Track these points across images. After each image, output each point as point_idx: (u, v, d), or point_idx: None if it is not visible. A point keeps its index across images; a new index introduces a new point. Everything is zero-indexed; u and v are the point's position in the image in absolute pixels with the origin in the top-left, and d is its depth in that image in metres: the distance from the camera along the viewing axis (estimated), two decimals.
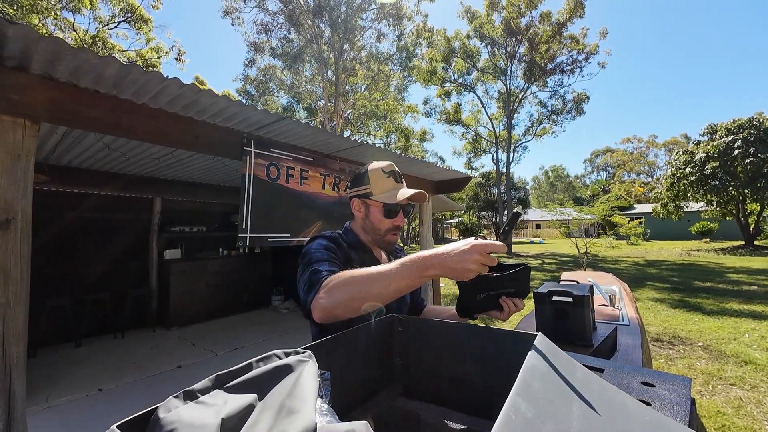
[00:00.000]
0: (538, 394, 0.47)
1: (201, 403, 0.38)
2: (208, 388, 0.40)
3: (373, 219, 1.09)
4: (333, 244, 1.04)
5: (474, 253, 0.69)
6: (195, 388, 0.40)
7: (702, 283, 8.29)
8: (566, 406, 0.48)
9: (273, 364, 0.45)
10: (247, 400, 0.39)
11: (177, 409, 0.37)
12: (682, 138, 51.35)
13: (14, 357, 1.52)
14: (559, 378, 0.54)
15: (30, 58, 1.53)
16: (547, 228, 37.94)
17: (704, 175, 16.40)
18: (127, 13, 15.25)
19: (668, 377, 0.81)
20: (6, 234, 1.50)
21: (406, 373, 0.85)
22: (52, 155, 3.22)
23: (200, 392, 0.40)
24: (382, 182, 1.07)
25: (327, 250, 1.00)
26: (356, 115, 20.19)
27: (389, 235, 1.09)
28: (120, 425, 0.36)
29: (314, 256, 0.97)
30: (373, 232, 1.10)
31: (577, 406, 0.48)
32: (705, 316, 5.36)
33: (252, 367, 0.45)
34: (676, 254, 15.69)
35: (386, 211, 1.07)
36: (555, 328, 1.58)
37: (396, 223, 1.09)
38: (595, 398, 0.53)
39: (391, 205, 1.06)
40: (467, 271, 0.69)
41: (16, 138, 1.57)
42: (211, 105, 2.15)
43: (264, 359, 0.47)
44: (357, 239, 1.13)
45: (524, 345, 0.71)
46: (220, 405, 0.38)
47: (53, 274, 4.35)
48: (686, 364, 3.61)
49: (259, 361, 0.46)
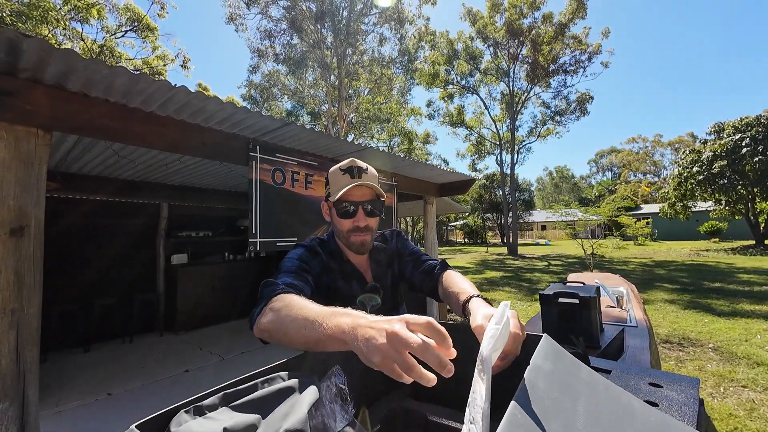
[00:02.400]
0: (544, 394, 0.48)
1: (209, 419, 0.42)
2: (216, 405, 0.43)
3: (335, 221, 1.03)
4: (309, 254, 0.99)
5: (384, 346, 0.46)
6: (204, 404, 0.43)
7: (712, 283, 8.18)
8: (571, 406, 0.49)
9: (276, 386, 0.48)
10: (250, 419, 0.42)
11: (187, 423, 0.41)
12: (688, 137, 50.85)
13: (28, 361, 1.55)
14: (564, 379, 0.54)
15: (43, 70, 1.58)
16: (553, 229, 37.66)
17: (712, 174, 16.21)
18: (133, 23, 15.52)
19: (676, 378, 0.81)
20: (20, 241, 1.54)
21: None
22: (63, 163, 3.28)
23: (208, 409, 0.43)
24: (338, 181, 0.98)
25: (300, 260, 0.95)
26: (359, 119, 20.29)
27: (352, 236, 1.00)
28: (139, 425, 0.38)
29: (284, 265, 0.92)
30: (339, 235, 1.05)
31: (583, 407, 0.49)
32: (715, 317, 5.29)
33: (257, 387, 0.48)
34: (685, 254, 15.49)
35: (338, 211, 1.00)
36: (561, 329, 1.57)
37: (356, 223, 0.99)
38: (600, 399, 0.53)
39: (336, 203, 0.98)
40: (372, 364, 0.48)
41: (30, 147, 1.61)
42: (217, 112, 2.18)
43: (269, 380, 0.49)
44: (336, 247, 1.07)
45: (530, 346, 0.72)
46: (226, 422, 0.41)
47: (63, 279, 4.41)
48: (697, 366, 3.56)
49: (264, 382, 0.49)
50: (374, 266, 1.12)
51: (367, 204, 0.99)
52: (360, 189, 0.97)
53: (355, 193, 0.97)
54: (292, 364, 0.60)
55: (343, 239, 1.03)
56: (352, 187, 0.95)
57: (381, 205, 1.03)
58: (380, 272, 1.13)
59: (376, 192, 1.00)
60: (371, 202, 1.00)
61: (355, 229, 0.99)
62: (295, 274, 0.89)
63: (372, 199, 1.00)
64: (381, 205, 1.03)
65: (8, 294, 1.50)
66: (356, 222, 0.99)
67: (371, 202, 1.00)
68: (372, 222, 1.02)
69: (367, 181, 0.98)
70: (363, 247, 1.03)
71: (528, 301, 6.99)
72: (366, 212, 0.99)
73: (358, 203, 0.98)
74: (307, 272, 0.93)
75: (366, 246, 1.03)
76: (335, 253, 1.06)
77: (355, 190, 0.96)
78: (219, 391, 0.46)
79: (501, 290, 8.40)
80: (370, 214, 1.00)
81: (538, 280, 9.79)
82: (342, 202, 0.98)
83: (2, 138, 1.54)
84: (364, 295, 1.01)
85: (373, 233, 1.04)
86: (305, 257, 0.97)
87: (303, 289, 0.85)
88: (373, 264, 1.12)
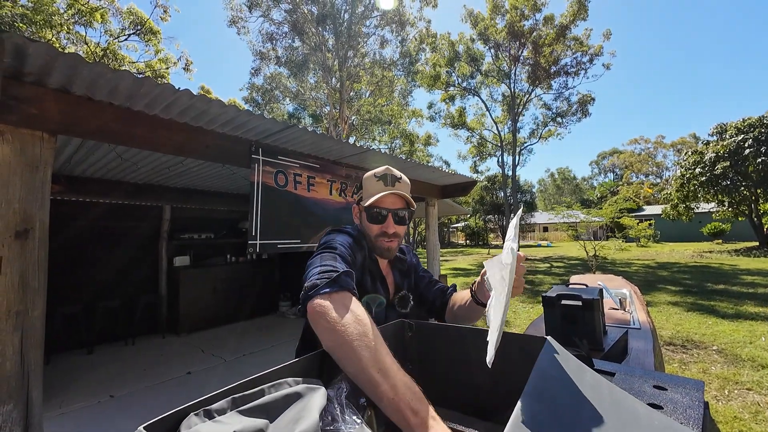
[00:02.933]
0: (548, 397, 0.48)
1: (218, 423, 0.42)
2: (225, 409, 0.44)
3: (364, 225, 1.06)
4: (356, 246, 0.98)
5: None
6: (213, 407, 0.43)
7: (715, 285, 8.13)
8: (576, 409, 0.49)
9: (284, 392, 0.49)
10: (258, 424, 0.43)
11: (197, 426, 0.41)
12: (690, 138, 50.72)
13: (32, 363, 1.56)
14: (568, 381, 0.55)
15: (48, 74, 1.59)
16: (555, 231, 37.58)
17: (715, 176, 16.15)
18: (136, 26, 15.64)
19: (680, 380, 0.80)
20: (25, 243, 1.55)
21: (417, 377, 0.86)
22: (67, 166, 3.30)
23: (217, 412, 0.43)
24: (372, 187, 1.02)
25: (350, 248, 0.92)
26: (361, 121, 20.35)
27: (379, 241, 1.03)
28: (147, 426, 0.38)
29: (339, 248, 0.88)
30: (367, 239, 1.07)
31: (587, 410, 0.49)
32: (719, 319, 5.25)
33: (264, 392, 0.49)
34: (688, 256, 15.41)
35: (368, 215, 1.03)
36: (564, 332, 1.57)
37: (384, 229, 1.02)
38: (604, 402, 0.53)
39: (367, 208, 1.02)
40: None
41: (35, 151, 1.62)
42: (220, 115, 2.20)
43: (276, 386, 0.50)
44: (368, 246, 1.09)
45: (534, 348, 0.72)
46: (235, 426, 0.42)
47: (66, 281, 4.43)
48: (701, 369, 3.54)
49: (271, 387, 0.50)
50: (396, 274, 1.16)
51: (397, 212, 1.03)
52: (392, 197, 1.02)
53: (387, 201, 1.01)
54: (297, 368, 0.60)
55: (371, 242, 1.06)
56: (386, 195, 0.99)
57: (411, 214, 1.08)
58: (401, 280, 1.17)
59: (407, 201, 1.04)
60: (402, 211, 1.04)
61: (383, 234, 1.03)
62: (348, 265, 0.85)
63: (403, 207, 1.04)
64: (411, 214, 1.08)
65: (13, 296, 1.51)
66: (385, 228, 1.02)
67: (402, 210, 1.04)
68: (400, 230, 1.05)
69: (400, 190, 1.02)
70: (389, 252, 1.05)
71: (530, 303, 6.98)
72: (396, 220, 1.03)
73: (389, 210, 1.02)
74: (353, 265, 0.90)
75: (391, 252, 1.06)
76: (369, 251, 1.09)
77: (387, 197, 1.01)
78: (227, 394, 0.47)
79: None
80: (399, 221, 1.04)
81: (541, 281, 9.76)
82: (373, 208, 1.01)
83: (8, 141, 1.55)
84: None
85: (400, 240, 1.07)
86: (353, 248, 0.95)
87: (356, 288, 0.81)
88: (395, 271, 1.16)
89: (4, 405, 1.47)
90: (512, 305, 6.92)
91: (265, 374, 0.55)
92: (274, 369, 0.57)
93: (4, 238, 1.50)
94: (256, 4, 16.84)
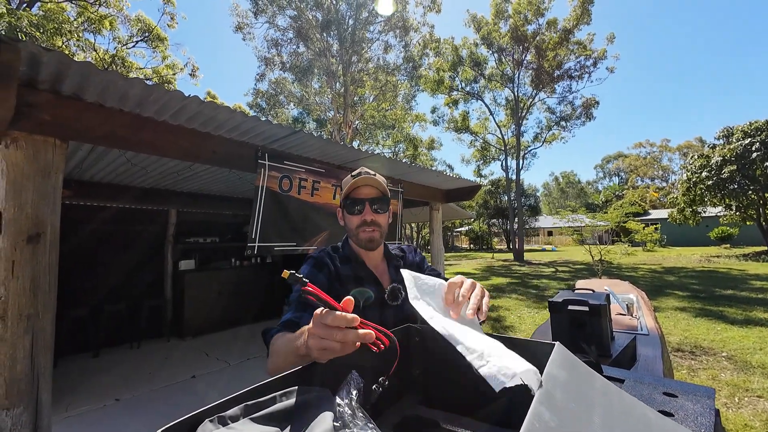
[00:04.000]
0: (560, 404, 0.48)
1: (231, 430, 0.43)
2: (238, 416, 0.45)
3: (346, 221, 1.10)
4: (315, 269, 1.04)
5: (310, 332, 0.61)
6: (227, 414, 0.44)
7: (724, 290, 8.02)
8: (587, 416, 0.49)
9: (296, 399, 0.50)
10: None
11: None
12: (696, 142, 50.30)
13: (42, 366, 1.58)
14: (579, 388, 0.54)
15: (61, 81, 1.63)
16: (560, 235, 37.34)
17: (721, 179, 15.98)
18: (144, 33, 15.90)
19: (691, 388, 0.80)
20: (36, 247, 1.57)
21: (425, 382, 0.86)
22: (78, 170, 3.35)
23: (231, 419, 0.44)
24: (348, 183, 1.07)
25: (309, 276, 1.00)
26: (365, 126, 20.44)
27: (360, 232, 1.06)
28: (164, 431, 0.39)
29: (291, 297, 0.98)
30: (351, 235, 1.10)
31: (599, 417, 0.49)
32: (728, 325, 5.18)
33: (276, 400, 0.49)
34: (695, 261, 15.23)
35: (347, 209, 1.08)
36: (571, 337, 1.56)
37: (364, 218, 1.05)
38: (615, 409, 0.53)
39: (344, 200, 1.07)
40: (315, 357, 0.61)
41: (47, 156, 1.66)
42: (227, 120, 2.22)
43: (287, 393, 0.51)
44: (351, 251, 1.12)
45: (542, 354, 0.72)
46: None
47: (74, 285, 4.48)
48: (710, 375, 3.48)
49: (282, 395, 0.51)
50: (393, 272, 1.16)
51: (373, 200, 1.06)
52: (366, 188, 1.06)
53: (362, 191, 1.05)
54: (306, 374, 0.61)
55: (354, 236, 1.09)
56: (359, 186, 1.05)
57: (386, 204, 1.10)
58: (399, 278, 1.15)
59: (381, 191, 1.08)
60: (377, 200, 1.07)
61: (362, 223, 1.06)
62: (296, 303, 0.95)
63: (378, 197, 1.07)
64: (387, 204, 1.10)
65: (24, 300, 1.53)
66: (363, 216, 1.05)
67: (377, 199, 1.07)
68: (379, 218, 1.08)
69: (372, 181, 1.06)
70: (372, 243, 1.07)
71: (536, 309, 6.92)
72: (372, 208, 1.06)
73: (364, 200, 1.05)
74: None
75: (375, 242, 1.08)
76: (349, 257, 1.11)
77: (361, 188, 1.05)
78: (238, 400, 0.47)
79: (508, 297, 8.32)
80: (376, 210, 1.07)
81: (546, 286, 9.69)
82: (349, 199, 1.06)
83: (21, 148, 1.58)
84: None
85: (381, 231, 1.10)
86: (310, 275, 1.02)
87: (301, 318, 0.91)
88: (392, 270, 1.16)
89: (14, 408, 1.48)
90: (517, 310, 6.87)
91: (276, 380, 0.56)
92: (283, 375, 0.58)
93: (17, 242, 1.53)
94: (262, 10, 17.06)
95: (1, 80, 1.37)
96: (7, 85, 1.39)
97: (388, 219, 1.12)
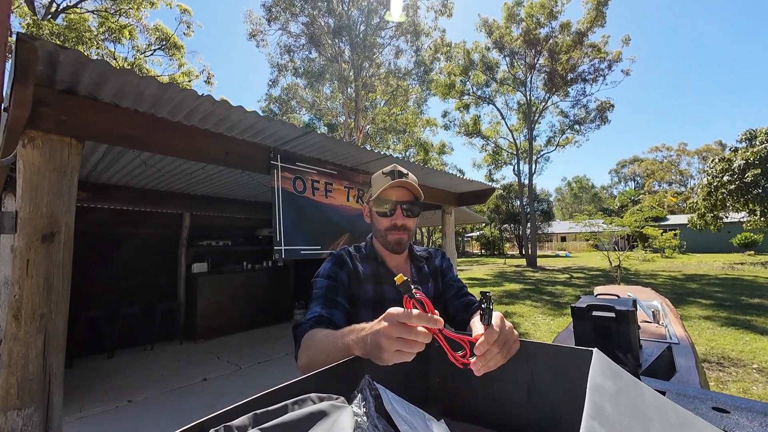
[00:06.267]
0: (613, 417, 0.42)
1: None
2: (246, 426, 0.42)
3: (374, 221, 1.08)
4: (336, 266, 1.02)
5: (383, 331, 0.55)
6: (234, 424, 0.41)
7: (750, 299, 7.67)
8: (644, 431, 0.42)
9: (308, 409, 0.46)
10: None
11: None
12: (716, 145, 48.85)
13: (53, 366, 1.57)
14: (630, 400, 0.48)
15: (78, 81, 1.64)
16: (573, 241, 36.56)
17: (744, 184, 15.40)
18: (162, 41, 16.36)
19: (745, 403, 0.72)
20: (51, 246, 1.57)
21: (445, 393, 0.80)
22: (93, 172, 3.40)
23: (238, 429, 0.41)
24: (379, 182, 1.03)
25: (328, 278, 0.99)
26: (376, 130, 20.49)
27: (389, 234, 1.03)
28: None
29: (314, 292, 0.97)
30: (378, 235, 1.08)
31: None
32: (757, 335, 4.92)
33: (287, 409, 0.46)
34: (718, 268, 14.66)
35: (377, 210, 1.04)
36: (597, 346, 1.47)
37: (393, 221, 1.02)
38: (673, 425, 0.46)
39: (375, 201, 1.02)
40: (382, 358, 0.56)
41: (63, 156, 1.66)
42: (240, 121, 2.22)
43: (299, 402, 0.48)
44: (373, 250, 1.10)
45: (578, 363, 0.65)
46: None
47: (90, 287, 4.55)
48: (741, 388, 3.30)
49: (294, 404, 0.47)
50: (415, 272, 1.13)
51: (404, 204, 1.02)
52: (399, 189, 1.02)
53: (394, 193, 1.01)
54: (319, 381, 0.56)
55: (381, 238, 1.06)
56: (392, 188, 1.00)
57: (419, 207, 1.06)
58: (422, 279, 1.13)
59: (414, 193, 1.04)
60: (409, 203, 1.03)
61: (392, 227, 1.02)
62: (324, 299, 0.94)
63: (410, 200, 1.03)
64: (419, 207, 1.06)
65: (38, 299, 1.53)
66: (394, 220, 1.02)
67: (409, 202, 1.03)
68: (409, 222, 1.04)
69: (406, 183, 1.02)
70: (399, 246, 1.04)
71: (551, 315, 6.73)
72: (403, 211, 1.02)
73: (396, 202, 1.01)
74: (336, 289, 0.97)
75: (402, 245, 1.05)
76: (370, 256, 1.08)
77: (394, 189, 1.01)
78: (247, 408, 0.43)
79: (522, 303, 8.13)
80: (407, 214, 1.03)
81: (561, 293, 9.45)
82: (381, 201, 1.02)
83: (38, 147, 1.59)
84: None
85: (410, 233, 1.06)
86: (333, 272, 1.01)
87: (333, 315, 0.90)
88: (414, 270, 1.13)
89: (26, 408, 1.47)
90: (532, 317, 6.70)
91: (287, 386, 0.51)
92: (293, 381, 0.53)
93: (32, 241, 1.53)
94: (275, 17, 17.37)
95: (18, 79, 1.37)
96: (24, 84, 1.40)
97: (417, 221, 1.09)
